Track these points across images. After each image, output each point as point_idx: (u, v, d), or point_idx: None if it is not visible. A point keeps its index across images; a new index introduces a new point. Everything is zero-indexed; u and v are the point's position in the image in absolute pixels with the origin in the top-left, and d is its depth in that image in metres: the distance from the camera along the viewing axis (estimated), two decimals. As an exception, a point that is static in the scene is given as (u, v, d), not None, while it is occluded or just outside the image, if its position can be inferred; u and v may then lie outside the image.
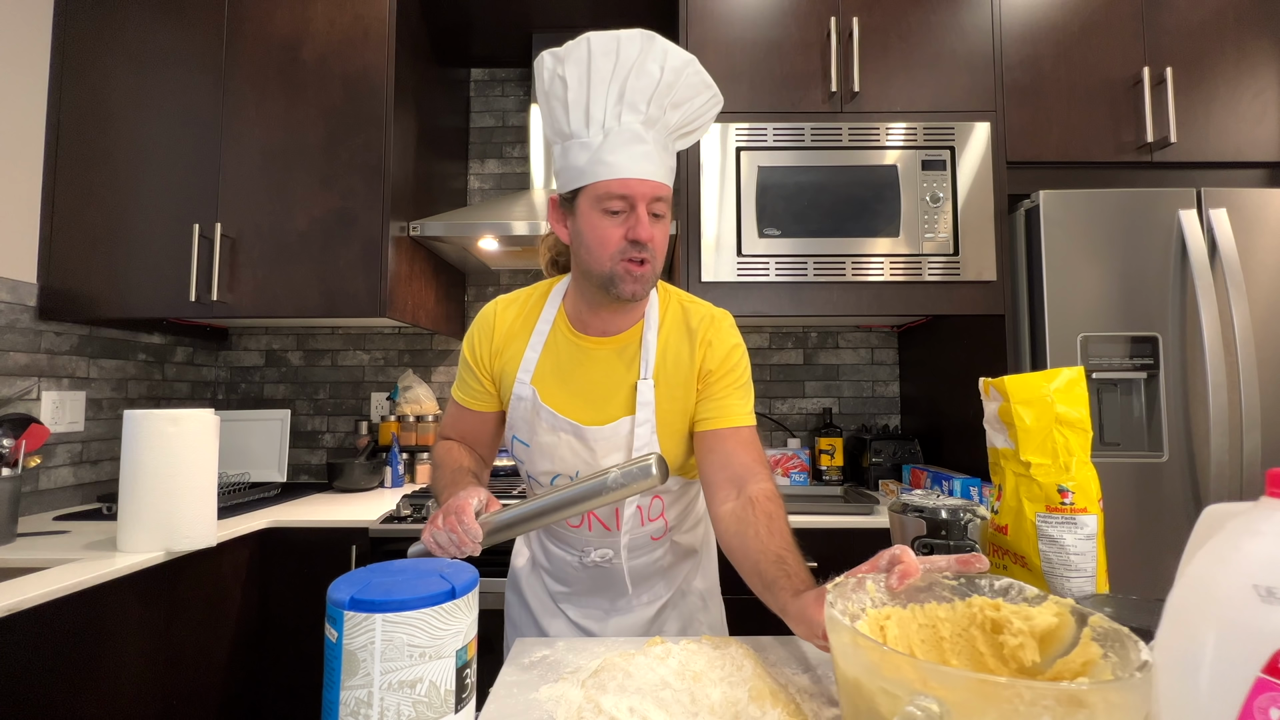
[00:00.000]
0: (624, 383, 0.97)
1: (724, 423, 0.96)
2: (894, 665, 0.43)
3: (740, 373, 0.98)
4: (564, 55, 0.86)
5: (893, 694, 0.43)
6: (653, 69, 0.84)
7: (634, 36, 0.85)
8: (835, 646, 0.51)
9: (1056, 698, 0.38)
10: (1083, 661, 0.49)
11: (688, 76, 0.87)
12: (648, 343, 0.97)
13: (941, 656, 0.56)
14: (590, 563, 1.03)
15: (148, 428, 1.29)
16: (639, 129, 0.85)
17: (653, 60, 0.84)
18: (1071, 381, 0.72)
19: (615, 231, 0.87)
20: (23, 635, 1.05)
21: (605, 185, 0.86)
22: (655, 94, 0.85)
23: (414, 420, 2.26)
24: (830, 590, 0.55)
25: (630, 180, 0.85)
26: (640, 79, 0.84)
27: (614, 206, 0.86)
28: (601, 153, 0.85)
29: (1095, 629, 0.49)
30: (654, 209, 0.88)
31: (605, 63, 0.84)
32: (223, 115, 1.83)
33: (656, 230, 0.88)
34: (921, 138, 1.81)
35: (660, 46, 0.85)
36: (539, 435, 0.99)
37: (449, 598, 0.52)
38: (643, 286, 0.90)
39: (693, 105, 0.90)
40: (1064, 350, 1.62)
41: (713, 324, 0.98)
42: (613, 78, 0.85)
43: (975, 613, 0.57)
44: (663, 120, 0.87)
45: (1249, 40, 1.86)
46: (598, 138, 0.86)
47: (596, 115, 0.85)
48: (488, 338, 1.01)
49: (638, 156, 0.85)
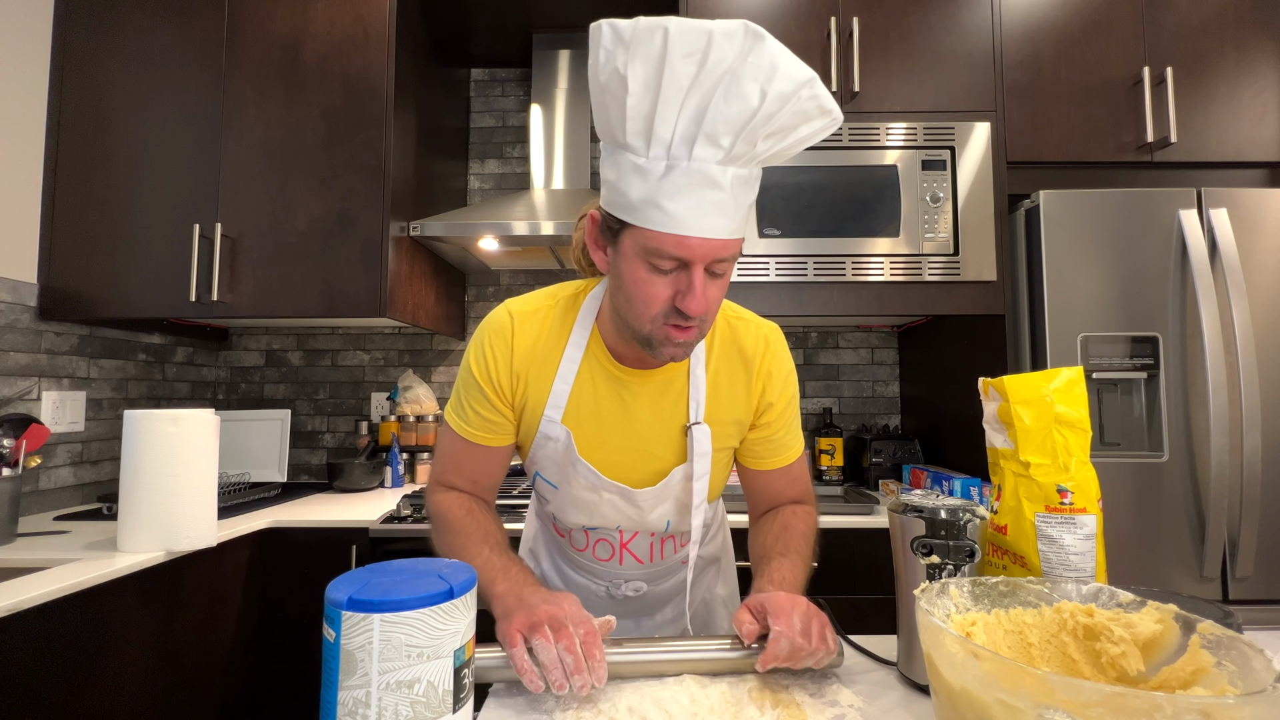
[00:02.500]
0: (671, 423, 0.84)
1: (779, 462, 0.91)
2: (1014, 677, 0.41)
3: (796, 401, 0.91)
4: (629, 41, 0.61)
5: (1012, 706, 0.41)
6: (750, 93, 0.61)
7: (733, 35, 0.60)
8: (938, 655, 0.48)
9: (1203, 712, 0.36)
10: (1192, 670, 0.47)
11: (800, 102, 0.63)
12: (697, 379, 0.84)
13: (1031, 664, 0.54)
14: (621, 595, 0.97)
15: (148, 428, 1.29)
16: (714, 171, 0.65)
17: (752, 79, 0.60)
18: (1071, 381, 0.72)
19: (662, 291, 0.70)
20: (23, 635, 1.05)
21: (658, 238, 0.67)
22: (748, 127, 0.62)
23: (414, 420, 2.26)
24: (920, 595, 0.54)
25: (691, 240, 0.66)
26: (730, 103, 0.61)
27: (664, 266, 0.69)
28: (660, 192, 0.65)
29: (1205, 636, 0.48)
30: (715, 269, 0.70)
31: (686, 68, 0.60)
32: (223, 115, 1.83)
33: (713, 291, 0.71)
34: (921, 138, 1.81)
35: (768, 59, 0.61)
36: (574, 489, 0.87)
37: (447, 598, 0.52)
38: (685, 351, 0.75)
39: (796, 135, 0.67)
40: (1064, 350, 1.62)
41: (768, 349, 0.86)
42: (691, 91, 0.61)
43: (1065, 619, 0.55)
44: (750, 154, 0.66)
45: (1249, 40, 1.85)
46: (658, 165, 0.65)
47: (662, 135, 0.64)
48: (506, 357, 0.82)
49: (707, 208, 0.65)
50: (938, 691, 0.50)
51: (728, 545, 1.13)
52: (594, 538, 0.94)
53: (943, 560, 0.69)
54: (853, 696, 0.69)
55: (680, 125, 0.63)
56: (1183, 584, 1.56)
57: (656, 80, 0.61)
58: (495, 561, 0.77)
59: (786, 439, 0.91)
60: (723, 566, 1.11)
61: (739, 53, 0.60)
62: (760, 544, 0.89)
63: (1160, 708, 0.37)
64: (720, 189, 0.65)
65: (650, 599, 0.99)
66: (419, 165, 2.06)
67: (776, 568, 0.81)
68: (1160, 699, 0.37)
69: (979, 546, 0.69)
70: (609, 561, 0.95)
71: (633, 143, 0.66)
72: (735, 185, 0.66)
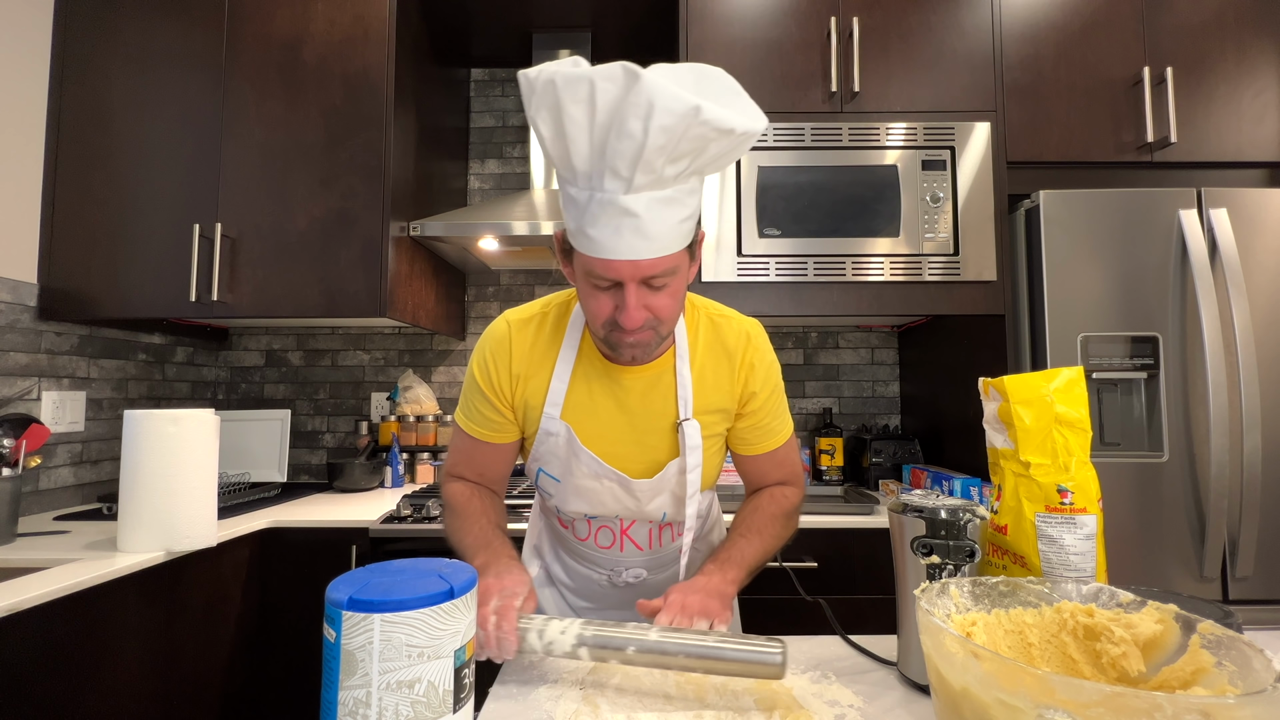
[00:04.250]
0: (662, 417, 0.90)
1: (765, 447, 0.97)
2: (1014, 677, 0.41)
3: (780, 389, 0.96)
4: (532, 91, 0.67)
5: (1012, 706, 0.41)
6: (635, 129, 0.64)
7: (613, 77, 0.63)
8: (938, 655, 0.49)
9: (1203, 712, 0.36)
10: (1193, 670, 0.47)
11: (691, 129, 0.65)
12: (682, 376, 0.89)
13: (1031, 664, 0.54)
14: (622, 583, 1.01)
15: (148, 428, 1.29)
16: (624, 200, 0.69)
17: (634, 116, 0.63)
18: (1071, 381, 0.72)
19: (604, 305, 0.77)
20: (23, 635, 1.05)
21: (589, 261, 0.74)
22: (642, 159, 0.66)
23: (414, 420, 2.26)
24: (920, 595, 0.54)
25: (614, 263, 0.72)
26: (622, 140, 0.65)
27: (601, 284, 0.76)
28: (585, 220, 0.71)
29: (1205, 636, 0.48)
30: (653, 283, 0.75)
31: (578, 112, 0.66)
32: (223, 115, 1.83)
33: (657, 300, 0.77)
34: (921, 138, 1.81)
35: (644, 97, 0.62)
36: (576, 478, 0.92)
37: (447, 598, 0.52)
38: (644, 352, 0.82)
39: (709, 154, 0.70)
40: (1064, 350, 1.62)
41: (750, 343, 0.92)
42: (591, 129, 0.66)
43: (1065, 619, 0.56)
44: (658, 180, 0.69)
45: (1249, 40, 1.85)
46: (583, 195, 0.71)
47: (580, 167, 0.70)
48: (505, 362, 0.90)
49: (626, 233, 0.70)
50: (938, 691, 0.50)
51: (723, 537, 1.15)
52: (595, 525, 0.99)
53: (943, 560, 0.69)
54: (853, 696, 0.69)
55: (590, 162, 0.69)
56: (1183, 584, 1.56)
57: (560, 125, 0.67)
58: (481, 537, 0.87)
59: (773, 425, 0.96)
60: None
61: (620, 92, 0.63)
62: (734, 521, 0.97)
63: (1160, 708, 0.37)
64: (633, 215, 0.69)
65: (651, 586, 1.02)
66: (419, 165, 2.06)
67: (727, 546, 0.90)
68: (1160, 699, 0.37)
69: (979, 546, 0.69)
70: (610, 549, 0.99)
71: (564, 174, 0.73)
72: (653, 209, 0.70)
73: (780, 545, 0.94)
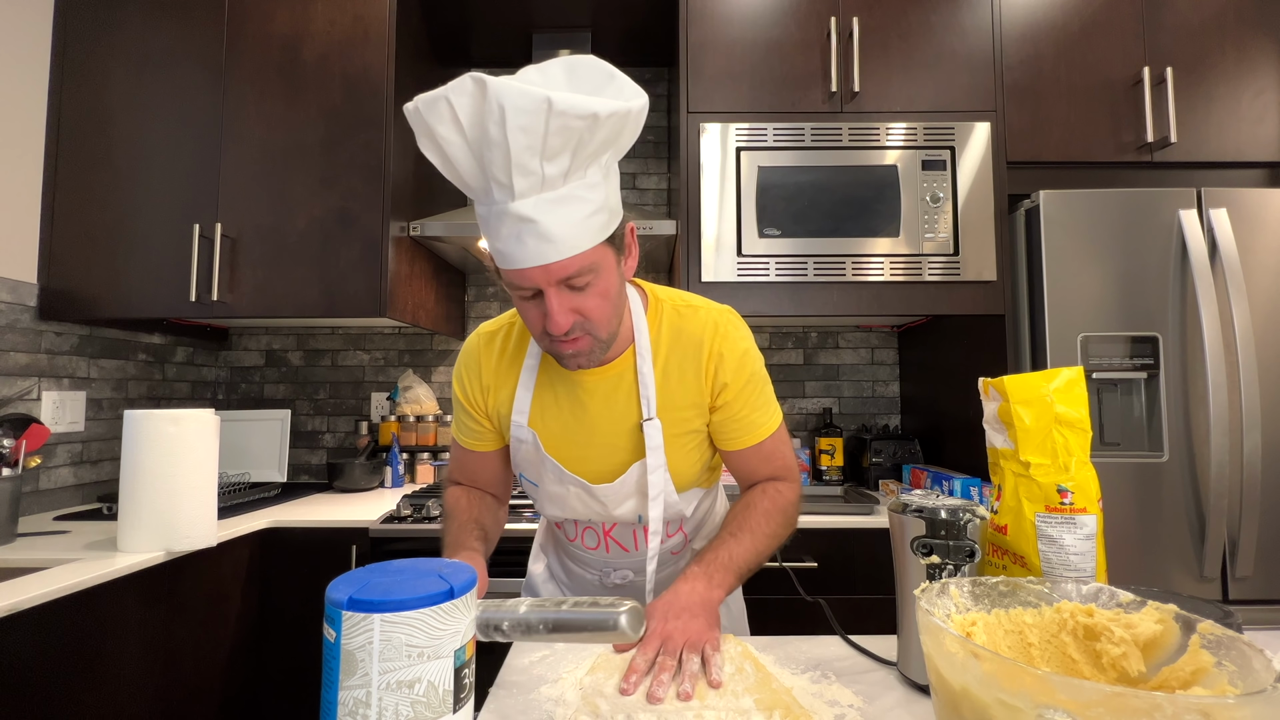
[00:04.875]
0: (626, 419, 0.89)
1: (747, 441, 0.92)
2: (1014, 677, 0.41)
3: (758, 379, 0.91)
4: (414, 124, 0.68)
5: (1012, 706, 0.41)
6: (495, 135, 0.63)
7: (463, 90, 0.63)
8: (938, 655, 0.48)
9: (1203, 712, 0.36)
10: (1192, 670, 0.47)
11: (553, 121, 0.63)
12: (644, 375, 0.87)
13: (1031, 664, 0.54)
14: (611, 584, 1.01)
15: (148, 428, 1.29)
16: (516, 207, 0.68)
17: (492, 123, 0.63)
18: (1071, 381, 0.72)
19: (534, 314, 0.77)
20: (23, 635, 1.05)
21: (506, 274, 0.74)
22: (514, 163, 0.64)
23: (414, 420, 2.26)
24: (920, 595, 0.54)
25: (524, 271, 0.71)
26: (491, 149, 0.64)
27: (524, 294, 0.75)
28: (492, 235, 0.72)
29: (1205, 636, 0.47)
30: (573, 283, 0.74)
31: (447, 131, 0.66)
32: (223, 115, 1.83)
33: (584, 302, 0.75)
34: (921, 138, 1.81)
35: (494, 102, 0.61)
36: (546, 484, 0.93)
37: (447, 598, 0.51)
38: (588, 358, 0.81)
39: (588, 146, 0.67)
40: (1064, 350, 1.62)
41: (717, 332, 0.89)
42: (466, 144, 0.66)
43: (1065, 619, 0.55)
44: (541, 180, 0.67)
45: (1249, 40, 1.85)
46: (484, 209, 0.71)
47: (472, 184, 0.70)
48: (475, 375, 0.94)
49: (527, 240, 0.69)
50: (938, 691, 0.50)
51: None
52: (581, 527, 0.99)
53: (943, 560, 0.69)
54: (853, 696, 0.69)
55: (476, 178, 0.68)
56: (1183, 584, 1.56)
57: (439, 147, 0.67)
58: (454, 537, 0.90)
59: (753, 417, 0.91)
60: None
61: (473, 103, 0.63)
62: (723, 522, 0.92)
63: (1160, 708, 0.37)
64: (529, 220, 0.68)
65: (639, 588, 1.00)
66: (419, 165, 2.06)
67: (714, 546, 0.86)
68: (1160, 699, 0.37)
69: (979, 546, 0.69)
70: (596, 550, 0.99)
71: (468, 194, 0.72)
72: (546, 210, 0.68)
73: (777, 544, 0.90)
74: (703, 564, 0.83)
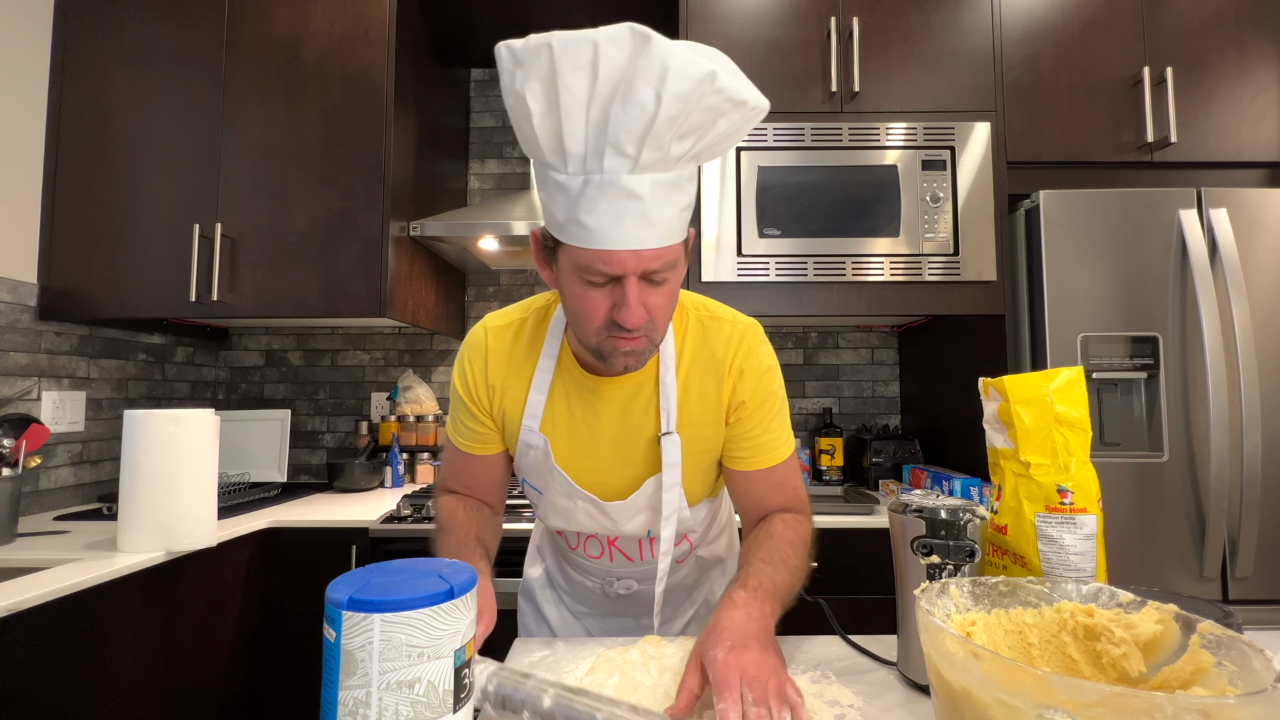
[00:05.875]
0: (642, 431, 0.84)
1: (760, 463, 0.86)
2: (1015, 677, 0.41)
3: (777, 399, 0.86)
4: (523, 60, 0.61)
5: (1012, 706, 0.41)
6: (645, 97, 0.58)
7: (619, 40, 0.58)
8: (938, 655, 0.48)
9: (1203, 712, 0.36)
10: (1192, 670, 0.47)
11: (704, 99, 0.59)
12: (666, 387, 0.82)
13: (1031, 664, 0.54)
14: (614, 593, 0.98)
15: (148, 428, 1.29)
16: (628, 181, 0.62)
17: (645, 83, 0.58)
18: (1071, 381, 0.72)
19: (600, 305, 0.70)
20: (23, 635, 1.05)
21: (585, 255, 0.66)
22: (651, 132, 0.59)
23: (414, 420, 2.26)
24: (920, 595, 0.54)
25: (616, 254, 0.65)
26: (629, 111, 0.59)
27: (597, 280, 0.68)
28: (579, 208, 0.64)
29: (1205, 636, 0.48)
30: (653, 278, 0.69)
31: (579, 80, 0.59)
32: (223, 115, 1.83)
33: (655, 299, 0.70)
34: (921, 138, 1.81)
35: (657, 60, 0.57)
36: (553, 495, 0.88)
37: (447, 598, 0.51)
38: (636, 360, 0.74)
39: (716, 131, 0.64)
40: (1064, 350, 1.62)
41: (741, 347, 0.84)
42: (591, 103, 0.60)
43: (1065, 619, 0.55)
44: (664, 159, 0.63)
45: (1249, 40, 1.85)
46: (576, 181, 0.64)
47: (573, 150, 0.63)
48: (481, 370, 0.86)
49: (628, 220, 0.64)
50: (938, 691, 0.50)
51: (733, 546, 1.11)
52: (584, 536, 0.95)
53: (943, 560, 0.69)
54: (853, 696, 0.69)
55: (588, 140, 0.62)
56: (1183, 584, 1.56)
57: (554, 97, 0.60)
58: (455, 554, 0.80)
59: (766, 439, 0.86)
60: (728, 567, 1.08)
61: (628, 57, 0.58)
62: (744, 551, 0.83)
63: (1160, 708, 0.37)
64: (638, 199, 0.63)
65: (644, 597, 0.98)
66: (419, 165, 2.06)
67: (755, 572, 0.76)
68: (1160, 699, 0.37)
69: (979, 546, 0.69)
70: (600, 559, 0.96)
71: (551, 160, 0.65)
72: (657, 192, 0.64)
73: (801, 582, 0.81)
74: (749, 590, 0.73)
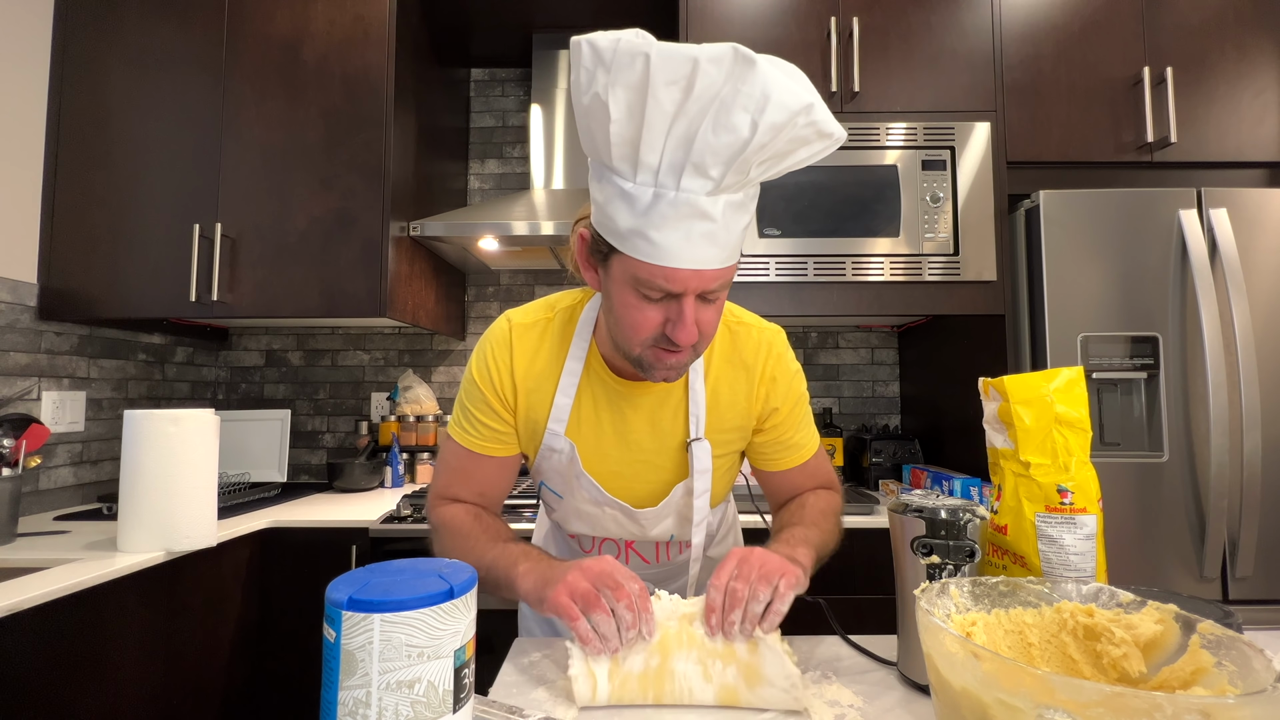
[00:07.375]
0: (670, 436, 0.84)
1: (793, 462, 0.90)
2: (1014, 677, 0.41)
3: (804, 401, 0.89)
4: (610, 65, 0.57)
5: (1012, 706, 0.41)
6: (740, 124, 0.56)
7: (720, 60, 0.55)
8: (938, 655, 0.48)
9: (1203, 712, 0.36)
10: (1192, 670, 0.47)
11: (795, 130, 0.58)
12: (696, 392, 0.82)
13: (1031, 664, 0.54)
14: None
15: (148, 428, 1.29)
16: (704, 203, 0.61)
17: (743, 110, 0.56)
18: (1071, 381, 0.72)
19: (652, 318, 0.69)
20: (23, 635, 1.05)
21: (646, 269, 0.65)
22: (740, 159, 0.58)
23: (414, 420, 2.26)
24: (920, 595, 0.54)
25: (680, 273, 0.64)
26: (720, 135, 0.57)
27: (653, 295, 0.67)
28: (648, 223, 0.62)
29: (1205, 636, 0.48)
30: (710, 295, 0.68)
31: (670, 96, 0.56)
32: (223, 115, 1.83)
33: (706, 315, 0.70)
34: (921, 138, 1.81)
35: (759, 87, 0.55)
36: (577, 501, 0.87)
37: (447, 598, 0.52)
38: (677, 372, 0.74)
39: (794, 159, 0.63)
40: (1064, 350, 1.62)
41: (771, 354, 0.85)
42: (677, 119, 0.58)
43: (1065, 619, 0.56)
44: (742, 182, 0.62)
45: (1249, 40, 1.85)
46: (645, 193, 0.62)
47: (648, 162, 0.60)
48: (506, 364, 0.82)
49: (697, 239, 0.63)
50: (938, 691, 0.50)
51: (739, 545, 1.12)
52: (600, 540, 0.95)
53: (943, 560, 0.69)
54: (853, 696, 0.69)
55: (667, 154, 0.60)
56: (1183, 584, 1.56)
57: (640, 107, 0.58)
58: (512, 549, 0.77)
59: (797, 438, 0.89)
60: None
61: (727, 80, 0.56)
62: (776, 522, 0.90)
63: (1160, 708, 0.37)
64: (710, 219, 0.62)
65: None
66: (419, 165, 2.06)
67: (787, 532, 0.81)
68: (1160, 699, 0.37)
69: (979, 546, 0.69)
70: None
71: (619, 166, 0.63)
72: (727, 213, 0.63)
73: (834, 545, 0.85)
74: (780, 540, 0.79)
